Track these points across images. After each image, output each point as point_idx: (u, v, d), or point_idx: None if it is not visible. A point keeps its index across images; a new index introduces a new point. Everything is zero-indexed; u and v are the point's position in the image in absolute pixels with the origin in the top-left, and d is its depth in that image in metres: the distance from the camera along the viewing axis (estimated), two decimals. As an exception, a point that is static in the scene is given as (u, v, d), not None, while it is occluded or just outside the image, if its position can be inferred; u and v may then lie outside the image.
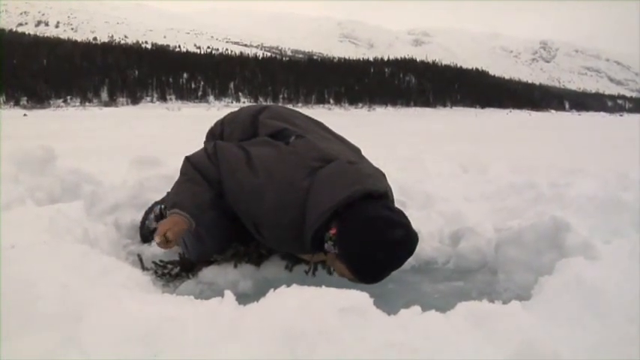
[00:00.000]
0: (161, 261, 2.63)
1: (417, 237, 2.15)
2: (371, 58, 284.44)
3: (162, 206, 3.00)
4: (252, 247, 2.62)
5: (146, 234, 3.03)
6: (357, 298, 1.38)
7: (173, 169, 2.83)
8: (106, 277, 1.58)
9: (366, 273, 2.13)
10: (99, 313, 1.29)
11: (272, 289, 1.45)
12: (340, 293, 1.40)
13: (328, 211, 2.12)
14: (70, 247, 1.77)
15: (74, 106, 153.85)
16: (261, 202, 2.22)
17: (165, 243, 2.17)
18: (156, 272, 2.56)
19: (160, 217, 2.96)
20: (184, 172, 2.37)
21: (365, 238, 2.07)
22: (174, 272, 2.59)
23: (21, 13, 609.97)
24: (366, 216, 2.10)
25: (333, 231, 2.13)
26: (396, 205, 3.15)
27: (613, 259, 2.16)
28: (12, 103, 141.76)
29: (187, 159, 2.40)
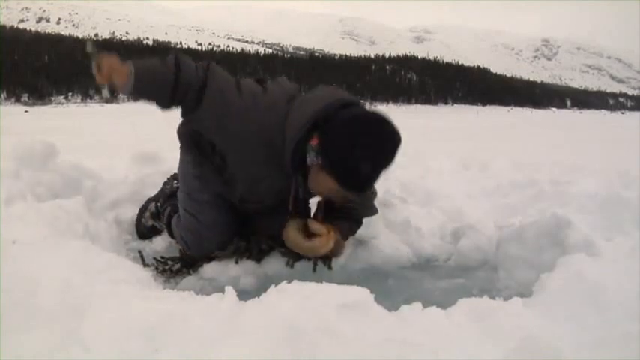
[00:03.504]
0: (162, 257, 2.63)
1: (401, 136, 2.08)
2: (372, 56, 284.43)
3: (158, 203, 3.00)
4: (253, 242, 2.62)
5: (143, 231, 3.04)
6: (358, 293, 1.39)
7: (174, 166, 2.83)
8: (107, 272, 1.58)
9: (353, 175, 2.06)
10: (100, 309, 1.29)
11: (273, 285, 1.45)
12: (341, 289, 1.40)
13: (309, 121, 2.10)
14: (71, 243, 1.76)
15: (75, 102, 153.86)
16: (244, 124, 2.19)
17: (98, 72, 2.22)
18: (157, 268, 2.56)
19: (157, 214, 2.97)
20: (164, 60, 2.25)
21: (349, 137, 2.01)
22: (175, 268, 2.59)
23: (22, 10, 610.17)
24: (348, 117, 2.06)
25: (314, 141, 2.09)
26: (397, 202, 3.16)
27: (614, 257, 2.16)
28: (13, 100, 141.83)
29: (176, 56, 2.27)
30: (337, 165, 2.05)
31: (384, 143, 2.04)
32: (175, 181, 3.01)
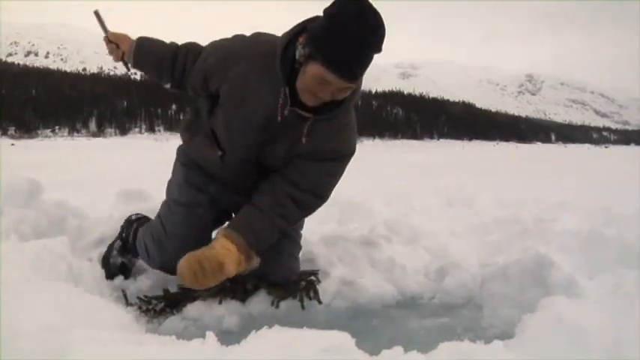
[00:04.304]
0: (145, 296, 2.61)
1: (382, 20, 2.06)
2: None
3: (123, 234, 2.96)
4: (239, 282, 2.62)
5: (113, 271, 2.87)
6: (339, 338, 1.39)
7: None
8: (89, 316, 1.57)
9: (339, 54, 2.01)
10: (80, 354, 1.28)
11: (254, 331, 1.45)
12: (321, 334, 1.40)
13: (299, 24, 2.17)
14: (54, 286, 1.76)
15: (62, 136, 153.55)
16: (245, 42, 2.39)
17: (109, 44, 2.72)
18: (140, 308, 2.53)
19: (124, 248, 2.90)
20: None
21: (331, 17, 2.02)
22: (159, 308, 2.57)
23: (11, 43, 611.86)
24: (331, 5, 2.05)
25: (302, 38, 2.13)
26: (382, 240, 3.18)
27: (596, 296, 2.19)
28: (0, 133, 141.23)
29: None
30: (321, 43, 2.04)
31: (365, 17, 2.00)
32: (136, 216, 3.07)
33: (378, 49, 2.07)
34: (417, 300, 2.91)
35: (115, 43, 2.71)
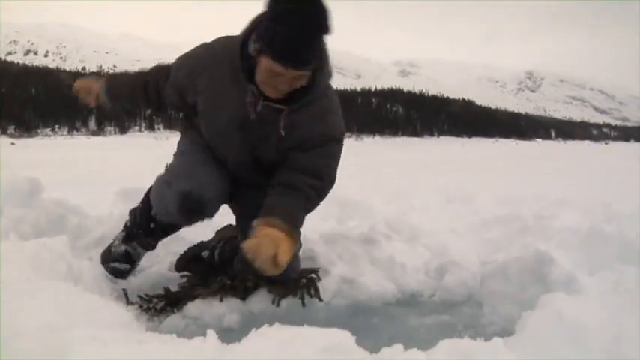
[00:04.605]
0: (146, 295, 2.62)
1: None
2: (358, 89, 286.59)
3: (129, 228, 2.86)
4: (238, 280, 2.62)
5: (115, 258, 2.74)
6: (339, 336, 1.39)
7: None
8: (89, 315, 1.57)
9: (281, 45, 2.03)
10: (80, 354, 1.28)
11: (254, 329, 1.45)
12: (321, 332, 1.40)
13: (254, 20, 2.20)
14: (53, 285, 1.76)
15: (62, 135, 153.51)
16: (209, 49, 2.46)
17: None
18: (141, 306, 2.54)
19: (127, 237, 2.77)
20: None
21: (272, 7, 2.05)
22: (159, 306, 2.58)
23: (10, 42, 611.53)
24: None
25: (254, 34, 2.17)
26: (382, 238, 3.18)
27: (596, 293, 2.19)
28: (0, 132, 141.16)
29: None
30: (264, 36, 2.07)
31: (302, 3, 2.02)
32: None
33: (323, 32, 2.07)
34: (417, 297, 2.92)
35: (84, 90, 2.79)
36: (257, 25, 2.16)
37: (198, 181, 2.41)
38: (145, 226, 2.70)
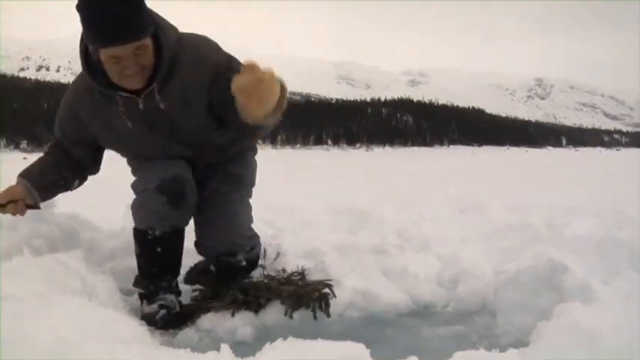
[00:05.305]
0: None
1: None
2: (368, 99, 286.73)
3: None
4: (252, 296, 2.62)
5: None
6: (354, 348, 1.38)
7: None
8: (103, 330, 1.58)
9: (99, 29, 2.07)
10: (96, 369, 1.29)
11: (268, 343, 1.45)
12: (336, 344, 1.40)
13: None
14: (68, 300, 1.77)
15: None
16: (73, 105, 2.48)
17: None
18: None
19: (149, 298, 2.59)
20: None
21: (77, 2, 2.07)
22: (173, 320, 2.58)
23: (23, 59, 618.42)
24: None
25: None
26: (394, 249, 3.17)
27: (611, 302, 2.17)
28: (12, 147, 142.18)
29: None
30: (85, 31, 2.12)
31: None
32: None
33: (126, 3, 2.07)
34: (431, 308, 2.90)
35: (7, 202, 2.44)
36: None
37: (171, 170, 2.45)
38: (152, 263, 2.59)
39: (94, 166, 2.70)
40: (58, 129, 2.57)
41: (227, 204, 2.65)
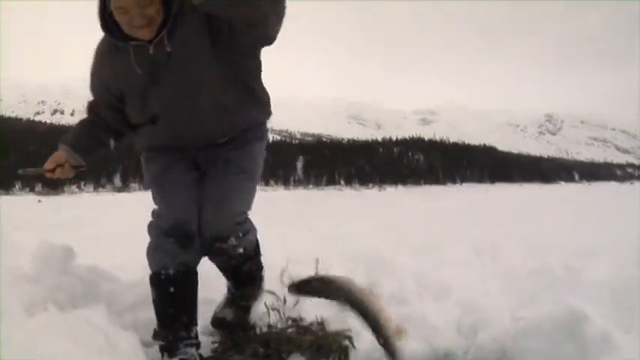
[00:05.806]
0: (181, 361, 2.63)
1: None
2: (379, 139, 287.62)
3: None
4: (273, 349, 2.63)
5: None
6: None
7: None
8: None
9: None
10: None
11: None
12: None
13: None
14: (92, 359, 1.80)
15: (88, 192, 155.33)
16: (97, 65, 2.66)
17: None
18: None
19: (169, 351, 2.63)
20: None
21: None
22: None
23: (38, 103, 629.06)
24: None
25: None
26: (412, 297, 3.17)
27: (635, 352, 2.16)
28: (27, 190, 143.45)
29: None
30: None
31: None
32: None
33: None
34: (451, 357, 2.90)
35: (55, 167, 2.64)
36: None
37: (179, 209, 2.64)
38: (167, 304, 2.64)
39: (119, 127, 2.78)
40: (90, 91, 2.73)
41: (221, 186, 2.72)
